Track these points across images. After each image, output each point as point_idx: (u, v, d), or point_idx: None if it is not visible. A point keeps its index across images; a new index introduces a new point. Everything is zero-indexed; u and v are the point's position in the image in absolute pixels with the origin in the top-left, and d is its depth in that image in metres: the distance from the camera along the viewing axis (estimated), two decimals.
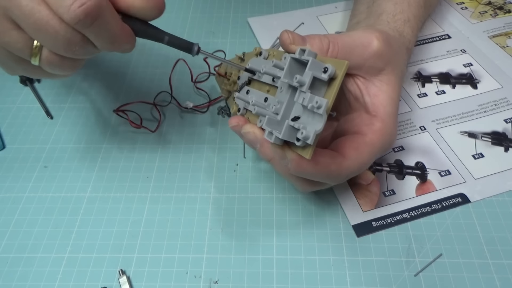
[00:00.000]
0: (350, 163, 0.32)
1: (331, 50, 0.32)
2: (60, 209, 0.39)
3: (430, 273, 0.34)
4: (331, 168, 0.31)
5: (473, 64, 0.50)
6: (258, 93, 0.34)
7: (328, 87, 0.28)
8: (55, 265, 0.35)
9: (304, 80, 0.27)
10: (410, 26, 0.43)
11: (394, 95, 0.35)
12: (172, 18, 0.58)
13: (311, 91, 0.27)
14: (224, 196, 0.39)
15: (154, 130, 0.44)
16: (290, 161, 0.29)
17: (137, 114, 0.45)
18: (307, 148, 0.28)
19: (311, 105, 0.27)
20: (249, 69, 0.34)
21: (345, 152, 0.32)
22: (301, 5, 0.60)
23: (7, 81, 0.51)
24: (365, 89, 0.34)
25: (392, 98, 0.34)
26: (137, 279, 0.34)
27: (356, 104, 0.35)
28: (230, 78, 0.39)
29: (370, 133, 0.33)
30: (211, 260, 0.35)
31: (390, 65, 0.34)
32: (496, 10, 0.57)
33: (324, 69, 0.27)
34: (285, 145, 0.29)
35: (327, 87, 0.28)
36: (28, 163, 0.43)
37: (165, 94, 0.47)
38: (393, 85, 0.35)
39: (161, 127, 0.45)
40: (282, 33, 0.32)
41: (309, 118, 0.28)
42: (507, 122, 0.44)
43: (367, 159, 0.33)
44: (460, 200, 0.38)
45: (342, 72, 0.27)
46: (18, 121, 0.47)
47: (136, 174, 0.41)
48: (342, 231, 0.37)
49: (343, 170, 0.31)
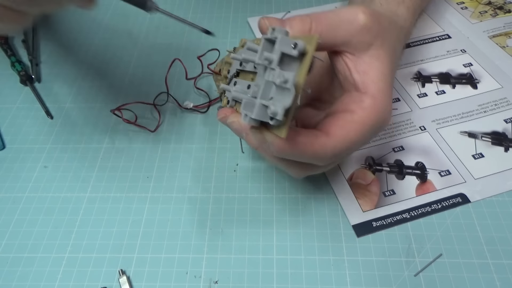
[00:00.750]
0: (336, 142, 0.30)
1: (314, 29, 0.31)
2: (60, 209, 0.39)
3: (430, 273, 0.34)
4: (315, 148, 0.29)
5: (473, 64, 0.50)
6: (244, 82, 0.33)
7: (301, 63, 0.27)
8: (55, 265, 0.35)
9: (272, 57, 0.27)
10: (405, 6, 0.41)
11: (386, 70, 0.32)
12: (174, 20, 0.58)
13: (282, 68, 0.27)
14: (224, 196, 0.39)
15: (154, 130, 0.44)
16: (270, 144, 0.28)
17: (132, 113, 0.45)
18: (282, 127, 0.27)
19: (279, 80, 0.26)
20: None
21: (329, 130, 0.30)
22: (301, 5, 0.60)
23: (7, 81, 0.51)
24: (354, 67, 0.32)
25: (383, 74, 0.32)
26: (137, 279, 0.34)
27: (346, 84, 0.33)
28: (222, 74, 0.39)
29: (360, 110, 0.31)
30: (211, 260, 0.35)
31: (380, 39, 0.32)
32: (496, 10, 0.57)
33: (293, 45, 0.26)
34: (264, 128, 0.29)
35: (299, 64, 0.27)
36: (28, 163, 0.43)
37: (165, 94, 0.47)
38: (383, 60, 0.32)
39: (161, 127, 0.45)
40: (260, 20, 0.31)
41: (280, 95, 0.27)
42: (507, 122, 0.44)
43: (356, 137, 0.31)
44: (460, 200, 0.38)
45: (312, 46, 0.26)
46: (18, 121, 0.47)
47: (136, 174, 0.41)
48: (342, 231, 0.37)
49: (328, 150, 0.30)
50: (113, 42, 0.56)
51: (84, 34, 0.57)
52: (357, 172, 0.40)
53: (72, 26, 0.59)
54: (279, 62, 0.27)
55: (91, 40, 0.56)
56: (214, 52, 0.48)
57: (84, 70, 0.52)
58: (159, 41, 0.56)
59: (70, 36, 0.57)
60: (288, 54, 0.27)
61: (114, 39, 0.56)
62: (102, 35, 0.57)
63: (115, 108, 0.45)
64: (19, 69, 0.51)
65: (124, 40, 0.56)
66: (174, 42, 0.55)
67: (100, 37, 0.57)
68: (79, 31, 0.58)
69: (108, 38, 0.57)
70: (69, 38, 0.57)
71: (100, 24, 0.59)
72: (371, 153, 0.42)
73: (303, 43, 0.26)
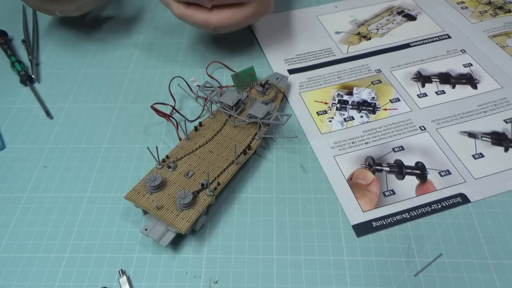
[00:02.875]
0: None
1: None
2: (60, 209, 0.39)
3: (430, 273, 0.34)
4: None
5: (473, 64, 0.50)
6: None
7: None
8: (55, 265, 0.35)
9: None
10: None
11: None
12: (173, 19, 0.58)
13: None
14: (224, 196, 0.39)
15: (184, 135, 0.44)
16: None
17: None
18: None
19: None
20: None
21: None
22: (301, 5, 0.60)
23: (7, 81, 0.51)
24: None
25: None
26: (137, 279, 0.34)
27: None
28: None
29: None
30: (211, 260, 0.35)
31: None
32: (496, 9, 0.57)
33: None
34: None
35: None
36: (28, 163, 0.43)
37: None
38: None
39: (162, 126, 0.45)
40: None
41: None
42: (507, 122, 0.44)
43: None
44: (460, 200, 0.38)
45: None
46: (18, 121, 0.47)
47: (136, 174, 0.41)
48: (342, 231, 0.37)
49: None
50: (113, 42, 0.56)
51: (84, 34, 0.57)
52: (357, 172, 0.41)
53: (72, 26, 0.59)
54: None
55: (91, 40, 0.56)
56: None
57: (84, 70, 0.52)
58: (159, 41, 0.56)
59: (70, 36, 0.57)
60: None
61: (114, 39, 0.56)
62: (102, 35, 0.57)
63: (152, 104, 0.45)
64: (19, 69, 0.51)
65: (124, 40, 0.56)
66: (174, 42, 0.55)
67: (100, 37, 0.57)
68: (79, 30, 0.58)
69: (108, 38, 0.57)
70: (69, 38, 0.57)
71: (100, 24, 0.59)
72: (371, 153, 0.42)
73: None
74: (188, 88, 0.48)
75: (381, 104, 0.46)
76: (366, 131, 0.44)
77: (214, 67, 0.52)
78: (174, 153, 0.40)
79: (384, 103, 0.47)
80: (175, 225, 0.34)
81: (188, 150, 0.40)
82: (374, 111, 0.46)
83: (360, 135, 0.44)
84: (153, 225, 0.35)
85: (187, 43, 0.55)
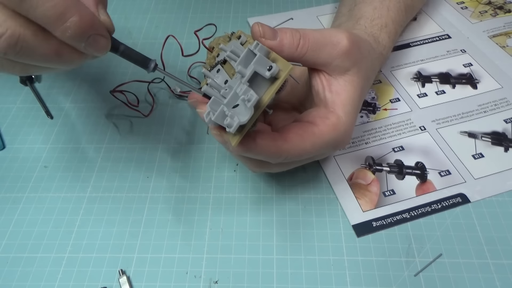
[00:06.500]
0: (290, 148, 0.32)
1: (302, 45, 0.32)
2: (60, 209, 0.39)
3: (430, 273, 0.34)
4: (271, 150, 0.31)
5: (473, 64, 0.50)
6: (224, 74, 0.34)
7: (271, 85, 0.29)
8: (55, 265, 0.35)
9: (245, 72, 0.28)
10: (387, 32, 0.44)
11: (356, 96, 0.35)
12: (172, 18, 0.58)
13: (253, 84, 0.28)
14: (224, 196, 0.39)
15: (147, 114, 0.44)
16: (228, 143, 0.30)
17: (135, 96, 0.46)
18: (235, 136, 0.28)
19: (243, 97, 0.27)
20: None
21: (288, 136, 0.32)
22: (301, 5, 0.60)
23: (7, 81, 0.51)
24: (328, 86, 0.35)
25: (353, 99, 0.35)
26: (137, 279, 0.34)
27: (318, 99, 0.35)
28: (212, 52, 0.38)
29: (322, 125, 0.33)
30: (211, 260, 0.35)
31: (357, 67, 0.35)
32: (496, 9, 0.57)
33: (269, 67, 0.28)
34: (223, 129, 0.30)
35: (269, 85, 0.29)
36: (28, 163, 0.43)
37: (166, 93, 0.47)
38: (356, 86, 0.35)
39: (162, 127, 0.45)
40: (253, 25, 0.32)
41: (242, 109, 0.28)
42: (507, 122, 0.44)
43: (310, 148, 0.33)
44: (460, 200, 0.38)
45: (284, 74, 0.28)
46: (18, 121, 0.47)
47: (136, 174, 0.41)
48: (342, 231, 0.37)
49: (282, 152, 0.32)
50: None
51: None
52: (357, 172, 0.41)
53: None
54: (249, 79, 0.28)
55: None
56: (210, 27, 0.46)
57: (84, 70, 0.52)
58: (159, 41, 0.56)
59: None
60: (259, 73, 0.28)
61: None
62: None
63: (113, 89, 0.45)
64: None
65: (124, 40, 0.56)
66: (174, 42, 0.55)
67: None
68: None
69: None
70: None
71: None
72: (371, 153, 0.42)
73: (277, 68, 0.28)
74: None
75: (381, 104, 0.46)
76: (366, 131, 0.44)
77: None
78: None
79: (384, 103, 0.47)
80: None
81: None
82: (374, 111, 0.46)
83: (360, 135, 0.44)
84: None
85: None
